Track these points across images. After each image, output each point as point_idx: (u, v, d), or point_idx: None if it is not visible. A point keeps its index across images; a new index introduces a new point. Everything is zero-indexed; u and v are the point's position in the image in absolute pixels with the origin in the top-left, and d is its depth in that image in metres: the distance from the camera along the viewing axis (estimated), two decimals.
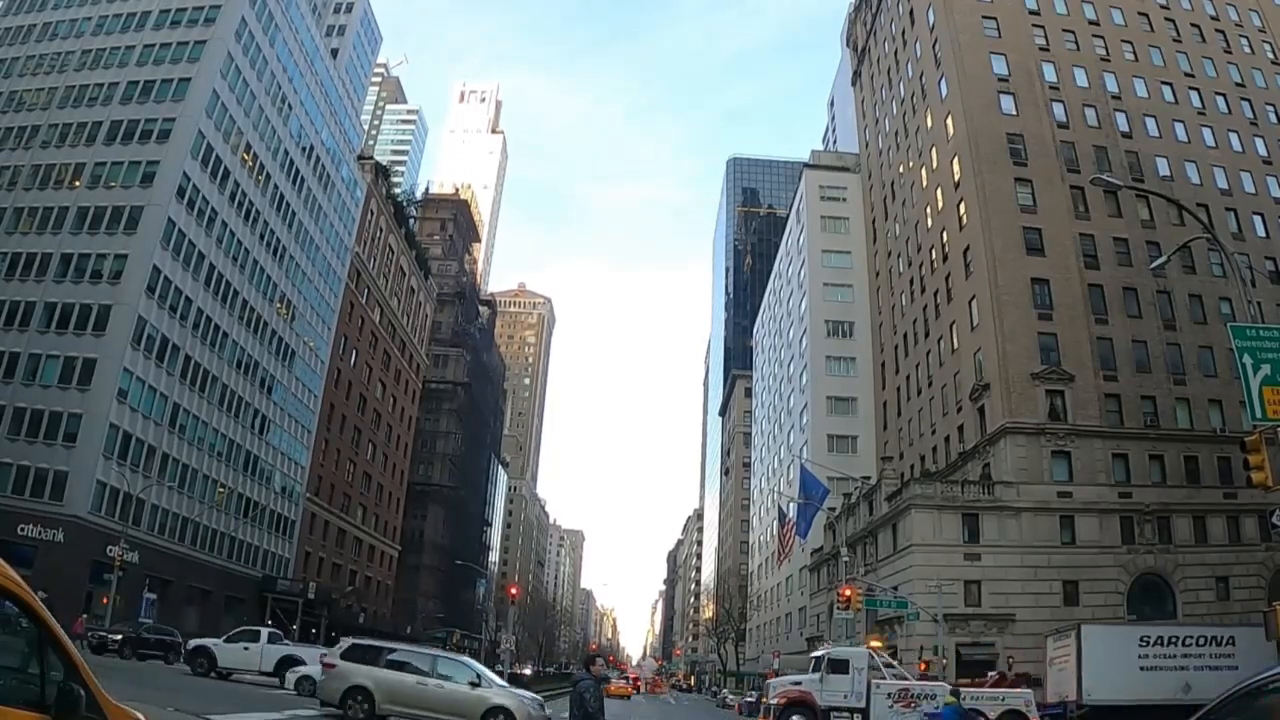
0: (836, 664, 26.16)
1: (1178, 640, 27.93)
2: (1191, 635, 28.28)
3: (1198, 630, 29.02)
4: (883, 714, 24.79)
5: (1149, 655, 27.49)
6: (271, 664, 26.90)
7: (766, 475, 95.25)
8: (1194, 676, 26.72)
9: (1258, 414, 15.95)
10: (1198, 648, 27.61)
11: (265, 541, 63.38)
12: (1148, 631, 29.16)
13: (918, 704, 24.52)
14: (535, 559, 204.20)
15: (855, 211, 76.49)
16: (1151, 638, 28.18)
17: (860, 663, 26.13)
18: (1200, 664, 27.04)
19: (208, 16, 55.05)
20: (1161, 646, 27.72)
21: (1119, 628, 35.59)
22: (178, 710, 14.70)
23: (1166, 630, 29.13)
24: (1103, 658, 27.80)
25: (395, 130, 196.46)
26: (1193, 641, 27.85)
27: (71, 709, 4.00)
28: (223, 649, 27.12)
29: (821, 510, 48.48)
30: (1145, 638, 28.21)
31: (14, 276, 48.82)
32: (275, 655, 27.31)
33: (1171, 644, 27.78)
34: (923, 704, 24.46)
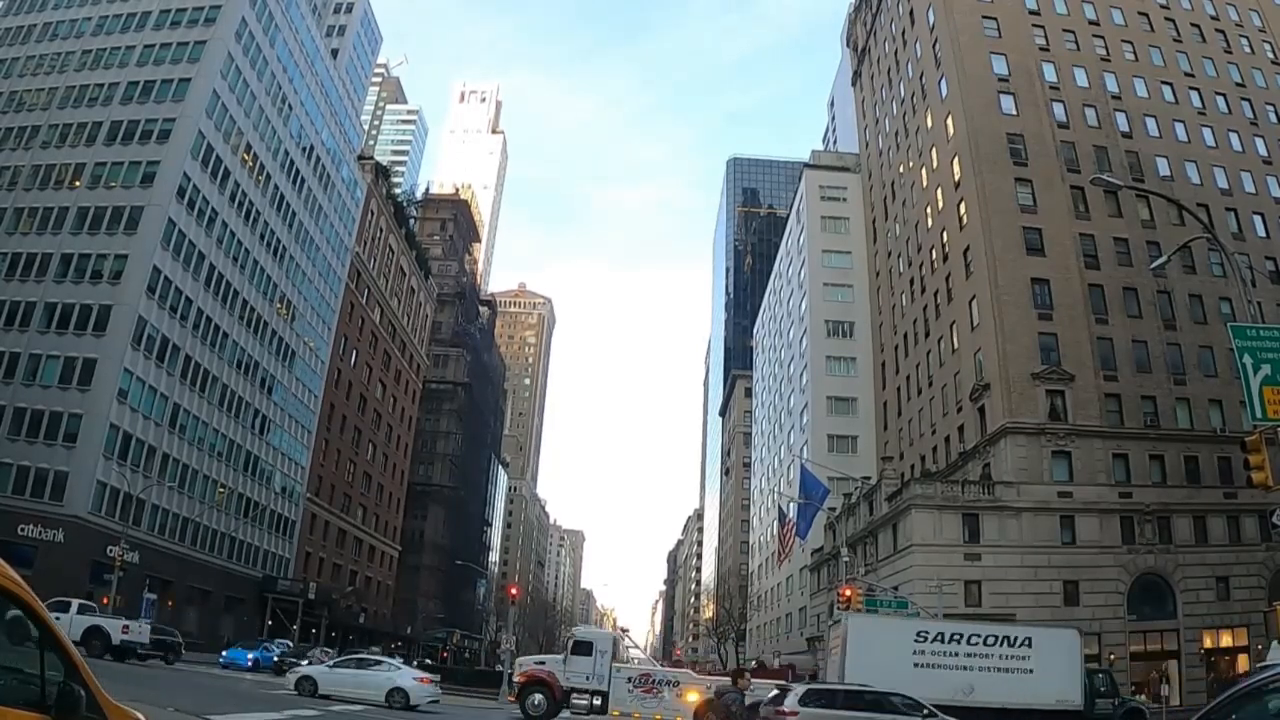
0: (580, 645, 26.05)
1: (961, 638, 26.27)
2: (979, 634, 26.64)
3: (987, 629, 27.45)
4: (622, 697, 24.73)
5: (925, 652, 25.93)
6: (79, 634, 27.19)
7: (766, 475, 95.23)
8: (979, 678, 25.32)
9: (1258, 414, 15.93)
10: (985, 647, 26.01)
11: (265, 542, 63.39)
12: (925, 626, 27.80)
13: (658, 690, 24.41)
14: (535, 559, 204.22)
15: (855, 211, 76.48)
16: (930, 633, 26.67)
17: (604, 645, 26.07)
18: (988, 665, 25.51)
19: (208, 17, 55.08)
20: (942, 643, 26.12)
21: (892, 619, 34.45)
22: (178, 710, 14.70)
23: (949, 626, 27.66)
24: (871, 651, 26.29)
25: (395, 130, 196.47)
26: (979, 640, 26.24)
27: (71, 709, 3.99)
28: None
29: (821, 510, 48.43)
30: (922, 633, 26.72)
31: (14, 277, 48.84)
32: (82, 626, 27.93)
33: (954, 641, 26.15)
34: (664, 690, 24.26)
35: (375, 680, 23.82)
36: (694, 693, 23.71)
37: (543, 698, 24.71)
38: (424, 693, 23.92)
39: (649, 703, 24.40)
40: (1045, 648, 26.48)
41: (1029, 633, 27.42)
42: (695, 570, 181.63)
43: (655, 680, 24.74)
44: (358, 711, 20.86)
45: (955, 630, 27.12)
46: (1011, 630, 27.66)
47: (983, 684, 25.32)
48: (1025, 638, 26.62)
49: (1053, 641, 27.29)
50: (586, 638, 26.63)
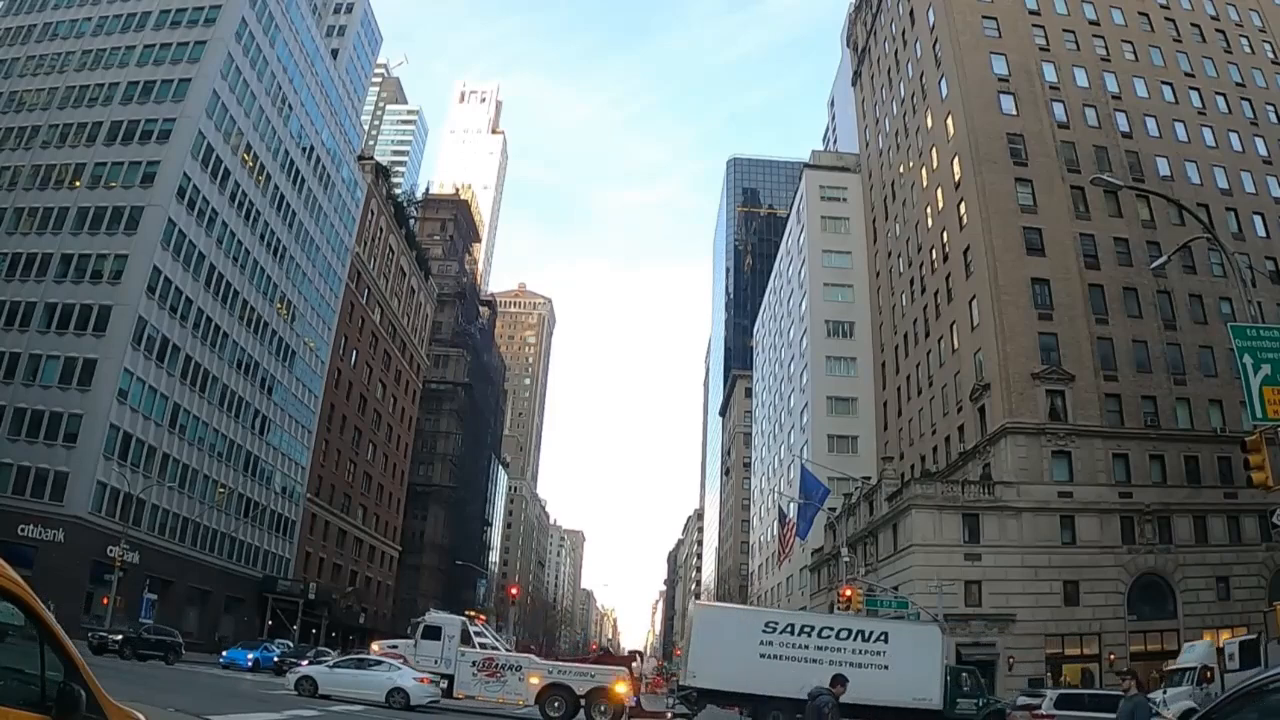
0: (430, 630, 26.43)
1: (813, 630, 25.72)
2: (831, 626, 26.10)
3: (841, 621, 26.95)
4: (467, 680, 25.12)
5: (774, 643, 25.41)
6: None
7: (767, 475, 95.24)
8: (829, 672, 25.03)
9: (1258, 414, 15.93)
10: (838, 641, 25.42)
11: (265, 542, 63.38)
12: (775, 617, 27.23)
13: (501, 674, 24.81)
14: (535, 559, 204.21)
15: (855, 211, 76.49)
16: (779, 624, 25.99)
17: (453, 630, 26.40)
18: (840, 659, 24.75)
19: (208, 17, 55.06)
20: (791, 635, 25.52)
21: (741, 609, 33.93)
22: (178, 710, 14.70)
23: (800, 618, 27.06)
24: (718, 640, 26.02)
25: (395, 131, 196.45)
26: (831, 633, 25.67)
27: (71, 709, 3.99)
28: None
29: (822, 510, 48.44)
30: (771, 624, 26.08)
31: (14, 277, 48.82)
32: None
33: (804, 633, 25.57)
34: (507, 674, 24.75)
35: (375, 680, 23.85)
36: (536, 676, 24.22)
37: None
38: (424, 693, 23.93)
39: (492, 685, 24.96)
40: (903, 644, 25.95)
41: (886, 627, 27.04)
42: (695, 570, 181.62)
43: (499, 664, 25.15)
44: (358, 711, 20.87)
45: (806, 622, 26.65)
46: (866, 624, 27.19)
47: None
48: (881, 632, 26.14)
49: (911, 637, 26.88)
50: (436, 623, 27.11)
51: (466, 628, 27.01)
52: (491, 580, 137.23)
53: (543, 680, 24.12)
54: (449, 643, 25.69)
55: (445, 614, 28.47)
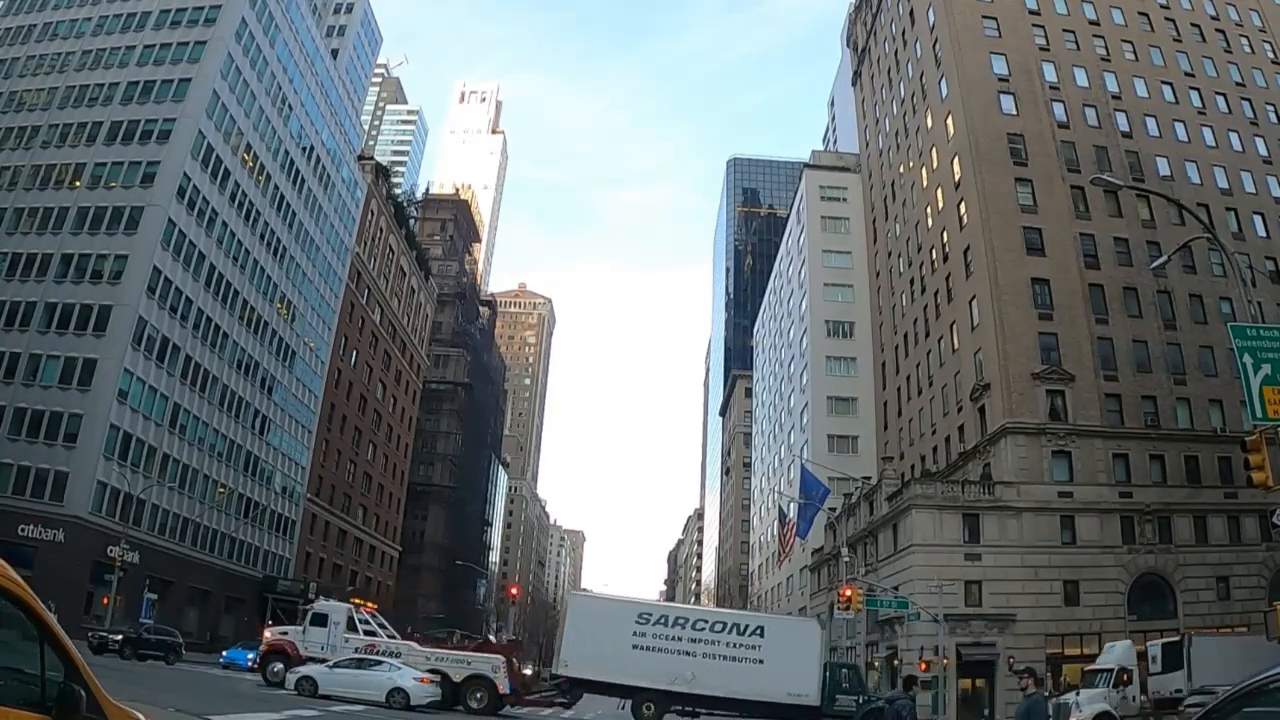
0: (318, 617, 27.21)
1: (686, 622, 25.53)
2: (705, 619, 25.97)
3: (716, 614, 26.83)
4: None
5: (646, 634, 25.23)
6: None
7: (767, 475, 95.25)
8: (702, 665, 24.64)
9: (1258, 414, 15.93)
10: (712, 633, 25.18)
11: (265, 542, 63.39)
12: (649, 608, 27.10)
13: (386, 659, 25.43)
14: (536, 559, 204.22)
15: (855, 211, 76.50)
16: (653, 615, 25.84)
17: (339, 617, 27.15)
18: (713, 652, 24.76)
19: (208, 17, 55.07)
20: (665, 626, 25.32)
21: (614, 599, 34.21)
22: (178, 710, 14.70)
23: (674, 610, 26.94)
24: (591, 631, 25.95)
25: (395, 131, 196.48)
26: (705, 625, 25.44)
27: (72, 709, 3.99)
28: None
29: (822, 510, 48.47)
30: (645, 615, 25.94)
31: (14, 277, 48.83)
32: None
33: (678, 625, 25.37)
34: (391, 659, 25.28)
35: (375, 680, 23.87)
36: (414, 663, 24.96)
37: (282, 666, 26.09)
38: (424, 693, 23.95)
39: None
40: (780, 638, 25.79)
41: (762, 621, 27.03)
42: (696, 570, 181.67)
43: (380, 650, 25.70)
44: (358, 712, 20.88)
45: (680, 614, 26.57)
46: (742, 617, 27.08)
47: (706, 672, 24.69)
48: (757, 626, 25.97)
49: (788, 632, 26.82)
50: (323, 610, 27.79)
51: (352, 615, 27.87)
52: (491, 580, 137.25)
53: (423, 666, 24.91)
54: (334, 629, 26.59)
55: (333, 602, 29.36)
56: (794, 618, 30.07)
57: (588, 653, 25.44)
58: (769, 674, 24.80)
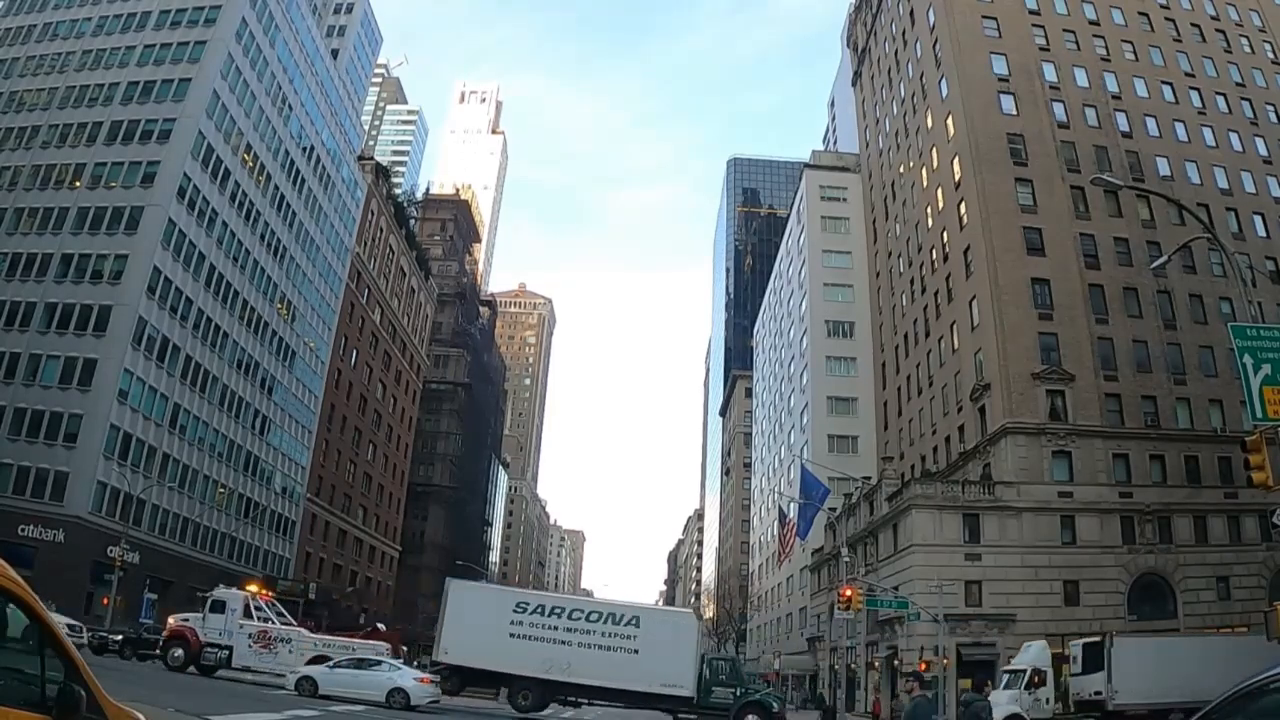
0: (216, 604, 27.76)
1: (563, 611, 25.86)
2: (582, 609, 26.38)
3: (592, 604, 27.31)
4: (244, 651, 26.85)
5: (524, 623, 25.53)
6: None
7: (767, 475, 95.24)
8: (578, 654, 24.94)
9: (1258, 414, 15.92)
10: (588, 623, 25.51)
11: (266, 542, 63.39)
12: (527, 598, 27.54)
13: (275, 646, 26.09)
14: (536, 559, 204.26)
15: (855, 211, 76.51)
16: (530, 605, 26.25)
17: (235, 605, 27.70)
18: (589, 642, 25.12)
19: (208, 17, 55.09)
20: (541, 615, 25.65)
21: (493, 588, 34.83)
22: (178, 710, 14.70)
23: (551, 599, 27.39)
24: (469, 619, 26.21)
25: (395, 131, 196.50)
26: (581, 615, 25.79)
27: (72, 709, 3.99)
28: None
29: (822, 510, 48.43)
30: (522, 604, 26.38)
31: (14, 277, 48.85)
32: None
33: (555, 614, 25.69)
34: (279, 647, 25.95)
35: (375, 680, 23.88)
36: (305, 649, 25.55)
37: (182, 651, 26.87)
38: (424, 693, 23.95)
39: (265, 657, 26.86)
40: (655, 629, 26.05)
41: (638, 611, 27.12)
42: (696, 570, 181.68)
43: (272, 638, 26.34)
44: (358, 712, 20.88)
45: (557, 603, 26.86)
46: (618, 607, 27.24)
47: (582, 661, 24.99)
48: (633, 616, 26.19)
49: (664, 623, 27.10)
50: (221, 597, 28.25)
51: (248, 603, 28.39)
52: (491, 580, 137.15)
53: (310, 653, 25.56)
54: (231, 616, 27.21)
55: (231, 590, 29.81)
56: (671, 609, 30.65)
57: (467, 640, 25.77)
58: (644, 664, 25.08)
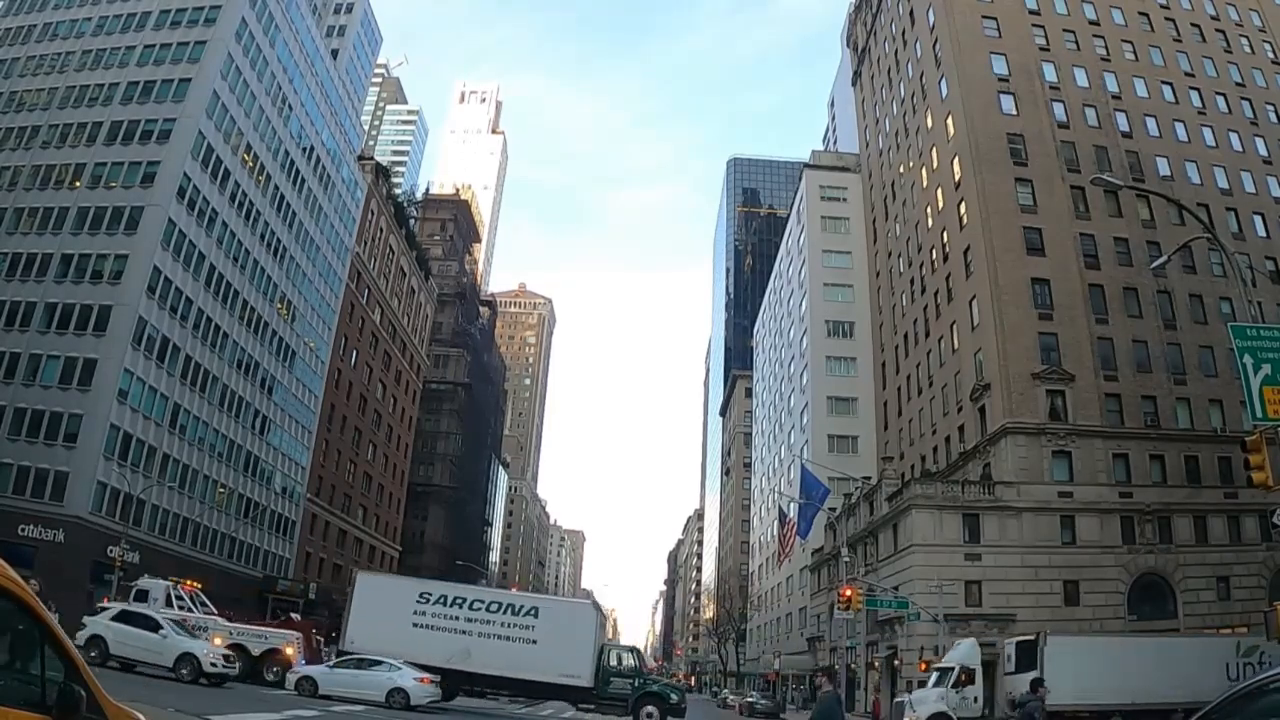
0: (140, 594, 28.59)
1: (464, 602, 26.35)
2: (482, 599, 26.77)
3: (493, 594, 27.88)
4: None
5: (426, 613, 25.99)
6: None
7: (767, 475, 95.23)
8: (478, 644, 25.47)
9: (1258, 414, 15.92)
10: (488, 613, 25.94)
11: (265, 542, 63.37)
12: (430, 588, 27.77)
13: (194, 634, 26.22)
14: (536, 559, 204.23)
15: (855, 211, 76.51)
16: (433, 595, 26.62)
17: (158, 594, 28.48)
18: (489, 632, 25.53)
19: (208, 17, 55.05)
20: (444, 606, 26.14)
21: (399, 579, 35.53)
22: (178, 710, 14.70)
23: (453, 589, 27.76)
24: (375, 609, 26.56)
25: (395, 131, 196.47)
26: (482, 605, 26.22)
27: (72, 709, 3.99)
28: None
29: (822, 510, 48.47)
30: (425, 594, 26.73)
31: (14, 277, 48.82)
32: None
33: (456, 604, 26.18)
34: (197, 634, 26.06)
35: (375, 680, 23.88)
36: (219, 637, 25.70)
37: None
38: (424, 693, 23.95)
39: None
40: (554, 620, 26.41)
41: (537, 602, 27.69)
42: (696, 570, 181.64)
43: (190, 626, 26.59)
44: (358, 712, 20.89)
45: (459, 594, 27.20)
46: (518, 598, 28.00)
47: (482, 651, 25.35)
48: (532, 607, 26.57)
49: (562, 614, 27.52)
50: (145, 587, 29.14)
51: (169, 592, 29.17)
52: (491, 580, 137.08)
53: (225, 641, 25.68)
54: (153, 605, 27.46)
55: (155, 580, 30.42)
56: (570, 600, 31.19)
57: (372, 630, 26.08)
58: (542, 654, 25.38)
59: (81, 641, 22.50)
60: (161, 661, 22.71)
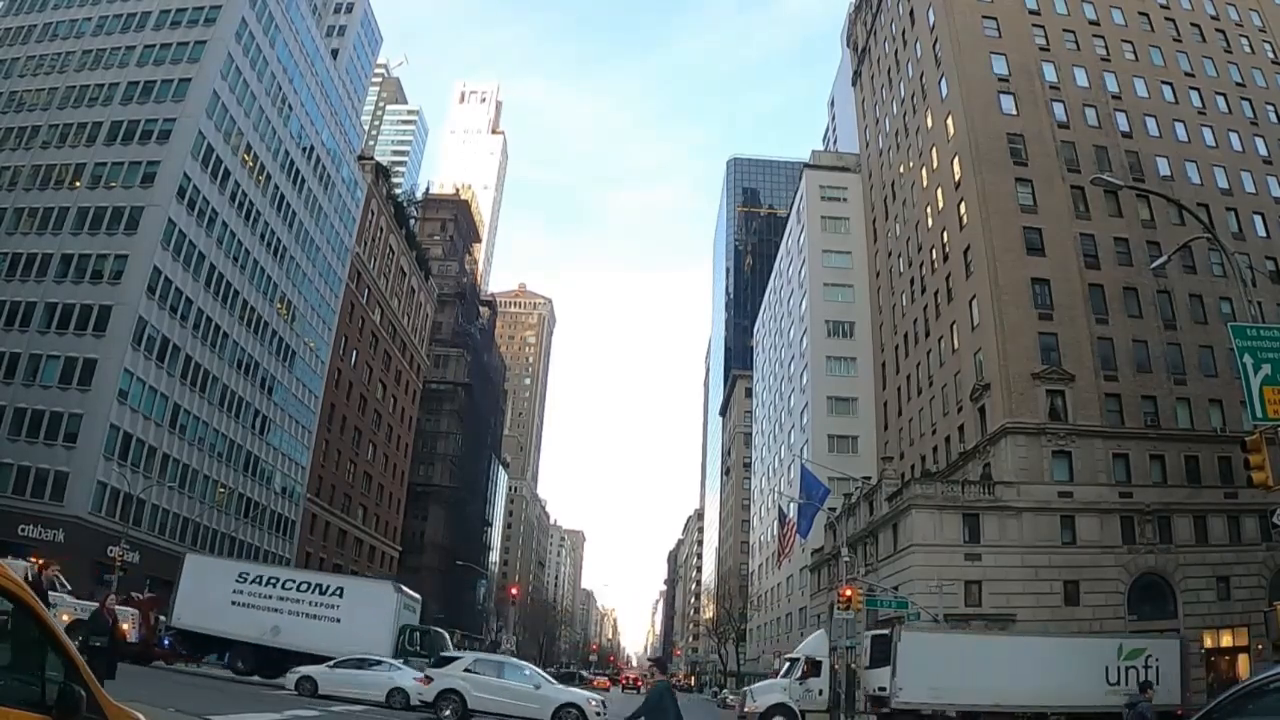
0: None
1: (277, 582, 28.00)
2: (294, 579, 28.44)
3: (304, 576, 29.46)
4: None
5: (244, 592, 27.56)
6: None
7: (767, 475, 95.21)
8: (287, 621, 26.88)
9: (1258, 414, 15.91)
10: (298, 593, 27.53)
11: (265, 542, 63.38)
12: (248, 569, 29.53)
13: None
14: (536, 559, 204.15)
15: (855, 211, 76.47)
16: (250, 575, 28.44)
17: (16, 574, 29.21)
18: (298, 610, 27.07)
19: (208, 17, 55.09)
20: (259, 585, 27.74)
21: (221, 560, 37.50)
22: (177, 710, 14.70)
23: (269, 570, 29.69)
24: (201, 589, 27.85)
25: (395, 131, 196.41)
26: (293, 585, 27.83)
27: (72, 709, 3.99)
28: None
29: (822, 510, 48.42)
30: (244, 574, 28.52)
31: (14, 277, 48.86)
32: None
33: (270, 584, 27.80)
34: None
35: (375, 680, 23.89)
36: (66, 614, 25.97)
37: None
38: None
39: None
40: (356, 600, 27.78)
41: (342, 583, 29.22)
42: (696, 570, 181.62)
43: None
44: (358, 712, 20.89)
45: (273, 574, 29.03)
46: (325, 579, 29.61)
47: (291, 628, 26.77)
48: (337, 587, 28.23)
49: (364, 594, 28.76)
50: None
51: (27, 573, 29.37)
52: (491, 580, 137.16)
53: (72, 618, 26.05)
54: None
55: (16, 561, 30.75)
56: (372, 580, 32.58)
57: (197, 607, 27.39)
58: (345, 632, 26.71)
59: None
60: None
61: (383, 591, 29.23)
